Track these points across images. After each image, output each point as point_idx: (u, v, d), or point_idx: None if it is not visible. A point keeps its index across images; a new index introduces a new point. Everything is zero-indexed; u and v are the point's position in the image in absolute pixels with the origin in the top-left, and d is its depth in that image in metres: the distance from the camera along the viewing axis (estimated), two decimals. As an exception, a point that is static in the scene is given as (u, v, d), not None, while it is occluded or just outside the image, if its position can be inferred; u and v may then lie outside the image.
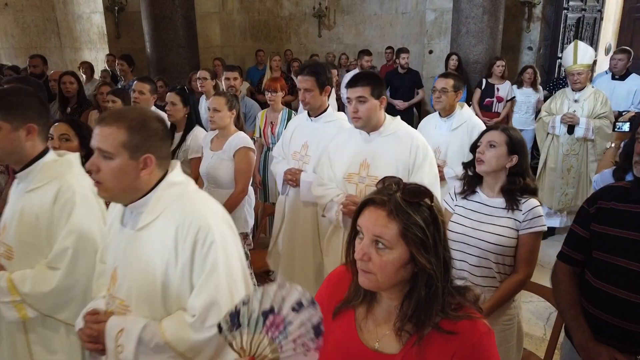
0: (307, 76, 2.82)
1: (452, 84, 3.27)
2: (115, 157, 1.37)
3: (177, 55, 6.43)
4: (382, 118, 2.49)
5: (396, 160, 2.43)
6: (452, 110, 3.35)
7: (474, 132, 3.09)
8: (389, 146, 2.46)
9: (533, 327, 3.37)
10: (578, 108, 4.38)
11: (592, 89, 4.40)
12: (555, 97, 4.60)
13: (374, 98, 2.39)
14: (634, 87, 5.06)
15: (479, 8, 6.28)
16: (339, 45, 9.23)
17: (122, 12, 7.64)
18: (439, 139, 3.34)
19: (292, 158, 3.05)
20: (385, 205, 1.11)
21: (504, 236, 1.99)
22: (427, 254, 1.10)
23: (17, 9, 8.19)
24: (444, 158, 3.32)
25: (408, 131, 2.52)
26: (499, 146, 2.01)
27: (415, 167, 2.41)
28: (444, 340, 1.12)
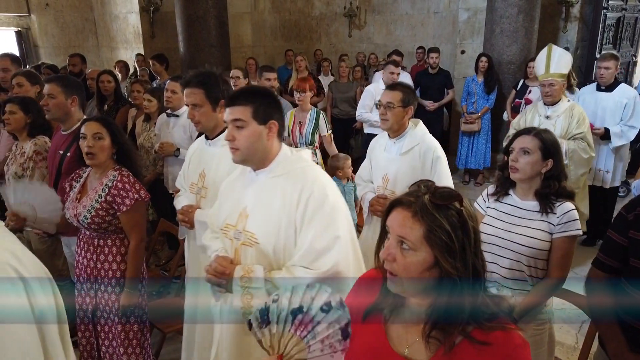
0: (194, 88, 2.33)
1: (399, 98, 2.66)
2: None
3: (209, 54, 6.52)
4: (273, 150, 1.80)
5: (279, 211, 1.74)
6: (401, 129, 2.75)
7: (427, 155, 2.68)
8: (275, 191, 1.77)
9: (565, 335, 3.29)
10: (549, 126, 3.58)
11: (568, 103, 3.74)
12: (526, 111, 3.97)
13: (257, 122, 1.74)
14: (624, 100, 4.23)
15: (513, 7, 6.14)
16: (369, 45, 9.19)
17: (157, 12, 7.81)
18: (387, 164, 2.80)
19: (190, 191, 2.50)
20: (411, 207, 1.10)
21: (537, 239, 1.95)
22: (453, 259, 1.07)
23: (57, 9, 8.48)
24: (393, 187, 2.77)
25: (307, 171, 1.80)
26: (533, 152, 1.96)
27: (303, 224, 1.71)
28: (477, 351, 1.09)
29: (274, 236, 1.74)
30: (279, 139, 1.82)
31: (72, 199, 2.39)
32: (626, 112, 4.24)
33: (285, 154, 1.83)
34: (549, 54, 3.75)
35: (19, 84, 3.52)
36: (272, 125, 1.76)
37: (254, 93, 1.79)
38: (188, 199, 2.50)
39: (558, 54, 3.73)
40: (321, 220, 1.68)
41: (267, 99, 1.79)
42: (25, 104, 3.11)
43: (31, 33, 8.60)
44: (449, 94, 6.68)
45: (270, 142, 1.78)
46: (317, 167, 1.86)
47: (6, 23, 8.39)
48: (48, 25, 8.51)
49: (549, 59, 3.72)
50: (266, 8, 9.10)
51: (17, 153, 3.11)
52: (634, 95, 4.23)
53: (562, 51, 3.78)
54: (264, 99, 1.77)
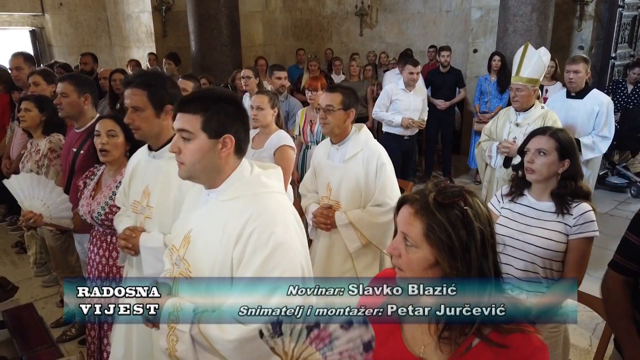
0: (135, 89, 1.99)
1: (339, 100, 2.47)
2: None
3: (221, 53, 6.55)
4: (227, 168, 1.49)
5: (217, 245, 1.45)
6: (343, 134, 2.55)
7: (371, 162, 2.47)
8: (220, 218, 1.48)
9: (578, 337, 3.24)
10: (519, 134, 3.29)
11: (542, 110, 3.38)
12: (498, 116, 3.65)
13: (208, 135, 1.45)
14: (595, 107, 3.80)
15: (527, 6, 6.07)
16: (381, 44, 9.16)
17: (169, 11, 7.85)
18: (330, 172, 2.59)
19: (132, 210, 2.12)
20: (414, 204, 1.11)
21: (553, 240, 1.92)
22: (453, 260, 1.06)
23: (70, 8, 8.57)
24: (336, 197, 2.56)
25: (260, 199, 1.48)
26: (549, 153, 1.93)
27: (240, 265, 1.41)
28: (494, 353, 1.07)
29: (208, 273, 1.45)
30: (238, 155, 1.50)
31: (86, 196, 2.41)
32: (598, 120, 3.80)
33: (241, 175, 1.49)
34: (524, 54, 3.38)
35: (35, 83, 3.55)
36: (227, 140, 1.44)
37: (210, 99, 1.46)
38: (130, 220, 2.12)
39: (533, 57, 3.32)
40: (260, 263, 1.37)
41: (226, 108, 1.46)
42: (41, 102, 3.14)
43: (45, 32, 8.70)
44: (461, 93, 6.63)
45: (224, 160, 1.46)
46: (276, 194, 1.50)
47: (21, 22, 8.49)
48: (62, 25, 8.60)
49: (521, 61, 3.35)
50: (277, 7, 9.11)
51: (32, 150, 3.15)
52: (607, 102, 3.83)
53: (538, 55, 3.34)
54: (222, 108, 1.46)
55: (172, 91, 2.07)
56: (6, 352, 2.82)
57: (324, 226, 2.56)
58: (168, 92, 2.04)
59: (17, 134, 4.02)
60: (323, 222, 2.55)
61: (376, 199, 2.49)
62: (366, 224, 2.48)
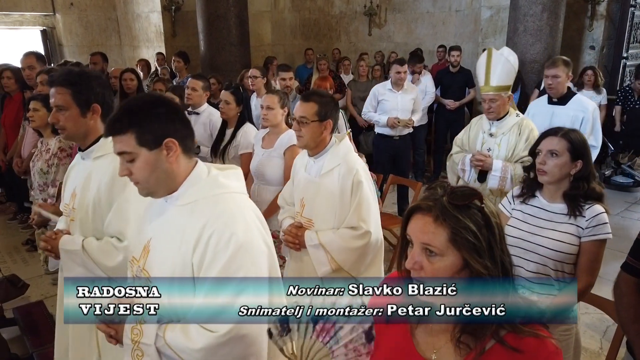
0: (59, 87, 1.92)
1: (314, 111, 2.25)
2: None
3: (229, 53, 6.56)
4: (180, 172, 1.44)
5: (175, 252, 1.39)
6: (321, 146, 2.33)
7: (346, 179, 2.25)
8: (178, 224, 1.42)
9: (589, 340, 3.21)
10: (494, 145, 3.06)
11: (517, 118, 3.07)
12: (471, 125, 3.32)
13: (147, 148, 1.37)
14: (580, 114, 3.48)
15: (538, 5, 6.03)
16: (390, 43, 9.14)
17: (179, 11, 7.89)
18: (305, 186, 2.40)
19: (64, 213, 2.08)
20: (431, 211, 1.07)
21: (565, 242, 1.90)
22: (482, 259, 1.05)
23: (81, 8, 8.62)
24: (309, 215, 2.34)
25: (219, 201, 1.42)
26: (561, 154, 1.90)
27: (201, 270, 1.36)
28: (509, 357, 1.05)
29: (168, 281, 1.38)
30: (187, 155, 1.44)
31: None
32: (584, 128, 3.43)
33: (198, 177, 1.44)
34: (489, 61, 3.03)
35: (43, 82, 3.58)
36: (169, 144, 1.38)
37: (134, 112, 1.38)
38: (61, 223, 2.08)
39: (499, 62, 3.01)
40: (222, 266, 1.32)
41: (155, 113, 1.38)
42: (48, 101, 3.16)
43: (56, 32, 8.77)
44: (470, 92, 6.60)
45: (174, 164, 1.40)
46: (236, 195, 1.46)
47: (32, 22, 8.56)
48: (72, 25, 8.66)
49: (488, 68, 3.02)
50: (286, 7, 9.12)
51: (42, 150, 3.17)
52: (592, 109, 3.52)
53: (504, 59, 3.04)
54: (151, 115, 1.38)
55: (100, 90, 1.98)
56: (17, 349, 2.86)
57: (292, 245, 2.36)
58: (95, 91, 1.95)
59: (28, 133, 4.05)
60: (291, 242, 2.34)
61: (350, 220, 2.25)
62: (337, 247, 2.24)
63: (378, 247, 2.33)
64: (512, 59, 3.05)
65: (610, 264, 2.36)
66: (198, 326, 1.34)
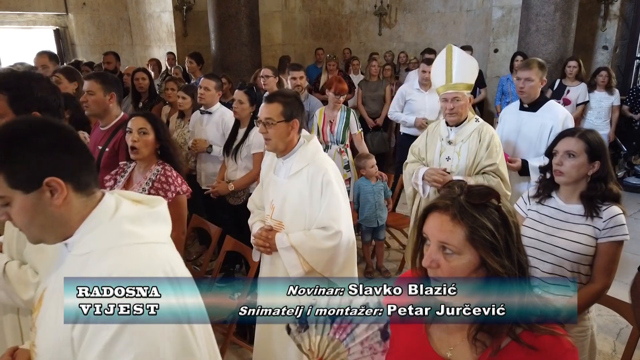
0: None
1: (279, 111, 2.19)
2: None
3: (240, 53, 6.58)
4: (73, 215, 1.12)
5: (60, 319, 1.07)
6: (288, 148, 2.26)
7: (315, 179, 2.18)
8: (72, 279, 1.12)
9: (602, 342, 3.19)
10: (453, 153, 2.79)
11: (476, 123, 2.81)
12: (427, 131, 3.04)
13: (23, 190, 1.08)
14: (548, 123, 3.15)
15: (550, 5, 5.99)
16: (400, 43, 9.12)
17: (190, 11, 7.93)
18: (275, 188, 2.33)
19: None
20: (448, 210, 1.08)
21: (581, 244, 1.89)
22: (499, 257, 1.05)
23: (93, 8, 8.70)
24: (279, 217, 2.28)
25: (118, 254, 1.10)
26: (579, 155, 1.89)
27: (82, 345, 1.05)
28: (525, 354, 1.06)
29: (48, 356, 1.11)
30: (83, 192, 1.12)
31: None
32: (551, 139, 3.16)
33: (98, 220, 1.12)
34: (450, 57, 2.76)
35: (58, 81, 3.61)
36: (52, 184, 1.07)
37: (2, 146, 1.06)
38: None
39: (459, 58, 2.76)
40: (101, 349, 1.00)
41: (33, 145, 1.06)
42: (64, 100, 3.19)
43: (68, 31, 8.85)
44: (481, 93, 6.58)
45: (63, 207, 1.09)
46: (147, 246, 1.14)
47: (45, 22, 8.65)
48: (85, 24, 8.74)
49: (451, 64, 2.75)
50: (297, 6, 9.13)
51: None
52: (563, 118, 3.15)
53: (464, 55, 2.83)
54: (25, 149, 1.06)
55: (41, 95, 1.76)
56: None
57: (262, 249, 2.31)
58: (35, 96, 1.74)
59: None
60: (262, 245, 2.29)
61: (320, 220, 2.19)
62: (309, 248, 2.19)
63: (350, 247, 2.27)
64: (473, 61, 2.86)
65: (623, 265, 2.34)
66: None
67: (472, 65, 2.81)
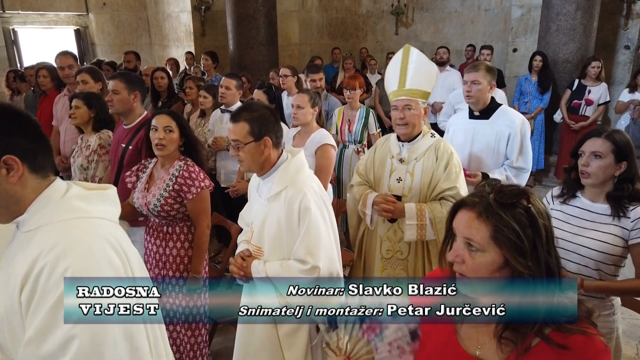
0: None
1: (246, 131, 1.93)
2: None
3: (258, 52, 6.61)
4: (26, 193, 1.17)
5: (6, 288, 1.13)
6: (266, 167, 2.02)
7: (293, 203, 1.93)
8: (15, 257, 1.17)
9: (624, 346, 3.11)
10: (405, 174, 2.40)
11: (432, 139, 2.42)
12: (376, 146, 2.62)
13: None
14: (504, 130, 2.88)
15: (571, 4, 5.92)
16: (417, 43, 9.07)
17: (208, 11, 7.99)
18: (256, 210, 2.12)
19: None
20: (475, 207, 1.09)
21: (608, 244, 1.88)
22: (524, 259, 1.05)
23: (113, 8, 8.82)
24: (258, 242, 2.06)
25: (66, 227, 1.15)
26: (605, 156, 1.87)
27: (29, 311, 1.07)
28: (555, 354, 1.05)
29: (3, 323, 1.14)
30: (38, 174, 1.18)
31: (140, 189, 2.50)
32: (510, 148, 2.87)
33: (48, 199, 1.17)
34: (405, 59, 2.39)
35: (84, 81, 3.68)
36: (9, 162, 1.12)
37: None
38: None
39: (417, 62, 2.38)
40: (46, 312, 1.04)
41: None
42: (89, 99, 3.26)
43: (89, 31, 8.99)
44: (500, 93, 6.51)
45: (17, 186, 1.15)
46: (95, 220, 1.19)
47: (66, 22, 8.80)
48: (105, 24, 8.86)
49: (405, 67, 2.38)
50: (314, 6, 9.15)
51: (82, 146, 3.27)
52: (519, 123, 2.89)
53: (423, 58, 2.42)
54: None
55: None
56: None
57: (237, 277, 2.11)
58: None
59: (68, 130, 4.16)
60: (237, 273, 2.08)
61: (295, 252, 1.94)
62: (285, 282, 1.94)
63: (334, 282, 1.99)
64: (434, 67, 2.48)
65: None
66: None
67: (431, 71, 2.41)
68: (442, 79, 6.16)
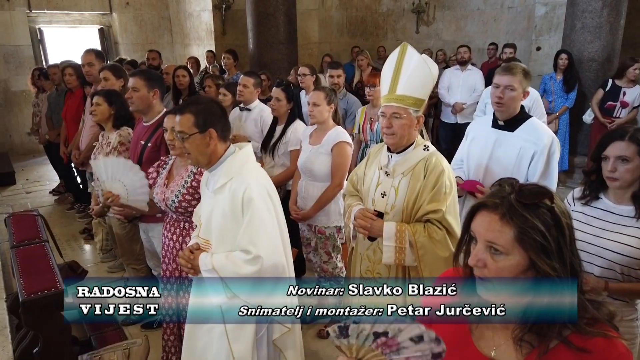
0: None
1: (191, 123, 1.95)
2: None
3: (278, 51, 6.63)
4: None
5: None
6: (212, 160, 2.02)
7: (237, 194, 1.93)
8: None
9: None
10: (389, 188, 2.15)
11: (424, 152, 2.13)
12: (369, 155, 2.39)
13: None
14: (529, 147, 2.49)
15: (597, 1, 5.77)
16: (437, 41, 8.98)
17: (229, 10, 8.05)
18: (204, 203, 2.12)
19: None
20: (497, 209, 1.04)
21: (632, 246, 1.82)
22: (550, 260, 1.01)
23: (136, 7, 8.96)
24: (206, 235, 2.04)
25: None
26: (632, 159, 1.81)
27: None
28: (574, 357, 1.02)
29: None
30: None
31: (160, 184, 2.52)
32: (533, 169, 2.49)
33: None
34: (400, 60, 2.10)
35: (106, 78, 3.74)
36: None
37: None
38: None
39: (414, 64, 2.07)
40: None
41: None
42: (109, 96, 3.31)
43: (112, 30, 9.14)
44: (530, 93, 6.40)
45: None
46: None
47: (90, 21, 8.97)
48: (128, 23, 9.00)
49: (399, 69, 2.09)
50: (333, 5, 9.14)
51: (103, 143, 3.32)
52: (548, 142, 2.49)
53: (421, 61, 2.08)
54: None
55: None
56: (77, 332, 3.00)
57: (186, 270, 2.08)
58: None
59: (86, 125, 4.24)
60: (184, 266, 2.05)
61: (239, 242, 1.95)
62: (230, 273, 1.94)
63: (280, 273, 2.00)
64: (433, 70, 2.11)
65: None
66: None
67: (428, 75, 2.09)
68: (463, 79, 6.11)
